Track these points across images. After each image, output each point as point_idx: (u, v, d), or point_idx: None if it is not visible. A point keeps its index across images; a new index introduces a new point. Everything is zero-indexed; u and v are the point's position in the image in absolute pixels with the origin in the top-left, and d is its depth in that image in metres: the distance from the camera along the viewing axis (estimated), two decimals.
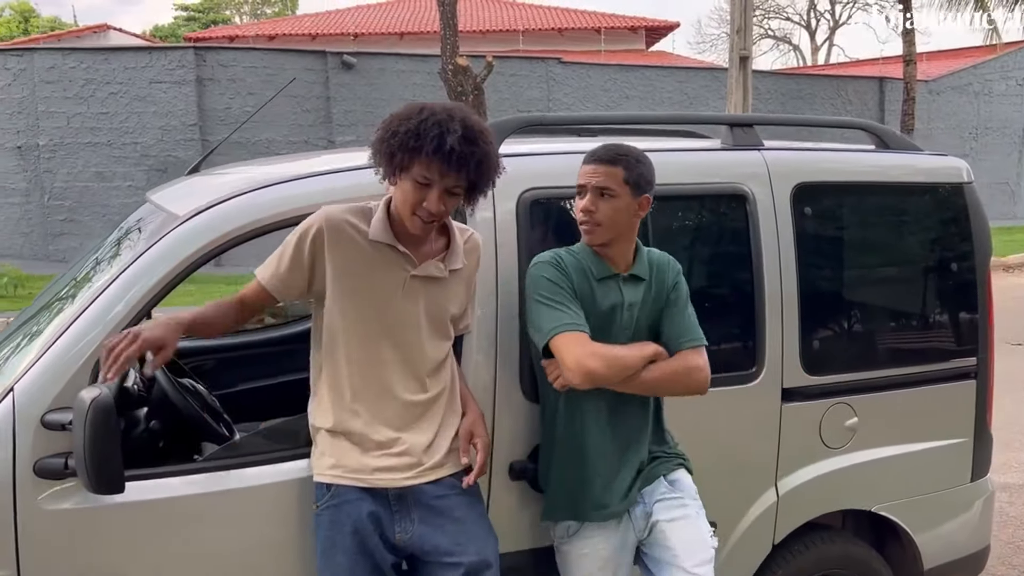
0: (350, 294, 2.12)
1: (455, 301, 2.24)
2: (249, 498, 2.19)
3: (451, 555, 2.10)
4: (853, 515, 3.05)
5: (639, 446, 2.33)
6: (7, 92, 13.35)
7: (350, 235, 2.11)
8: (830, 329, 2.87)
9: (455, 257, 2.21)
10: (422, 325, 2.17)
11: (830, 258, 2.89)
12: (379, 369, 2.14)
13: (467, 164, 1.99)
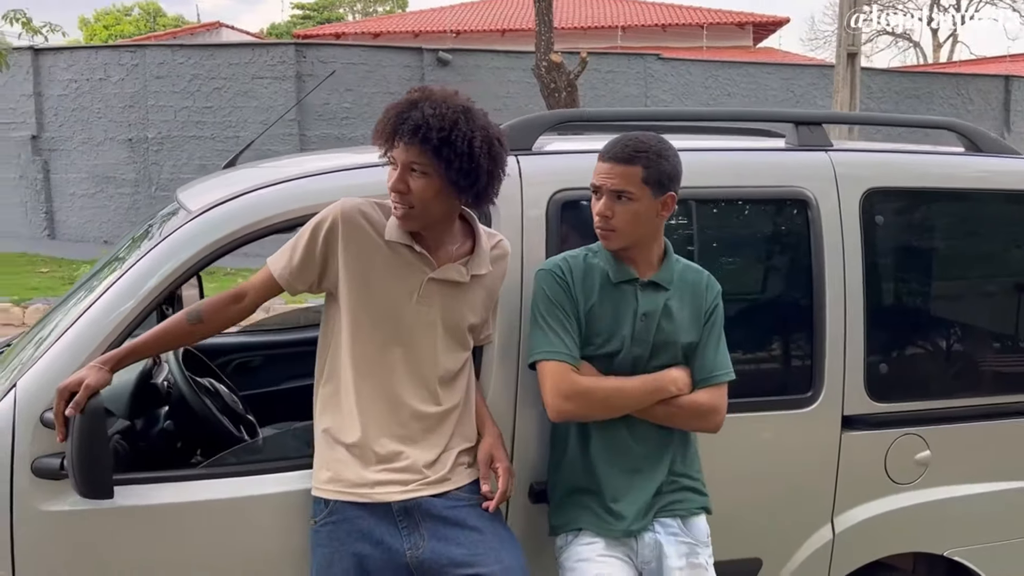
0: (362, 293, 1.99)
1: (475, 309, 2.09)
2: (241, 509, 2.09)
3: (471, 566, 1.94)
4: (927, 560, 2.75)
5: (658, 466, 2.12)
6: (120, 87, 13.94)
7: (366, 231, 1.98)
8: (900, 352, 2.58)
9: (479, 262, 2.05)
10: (437, 332, 2.03)
11: (904, 272, 2.60)
12: (387, 376, 2.00)
13: (425, 136, 1.86)
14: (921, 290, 2.64)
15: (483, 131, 1.93)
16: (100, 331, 2.06)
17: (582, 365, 2.08)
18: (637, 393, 2.06)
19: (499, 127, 2.04)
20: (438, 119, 1.88)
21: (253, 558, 2.12)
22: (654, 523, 2.11)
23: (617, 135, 2.10)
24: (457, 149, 1.88)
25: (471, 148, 1.90)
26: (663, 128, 2.94)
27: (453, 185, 1.92)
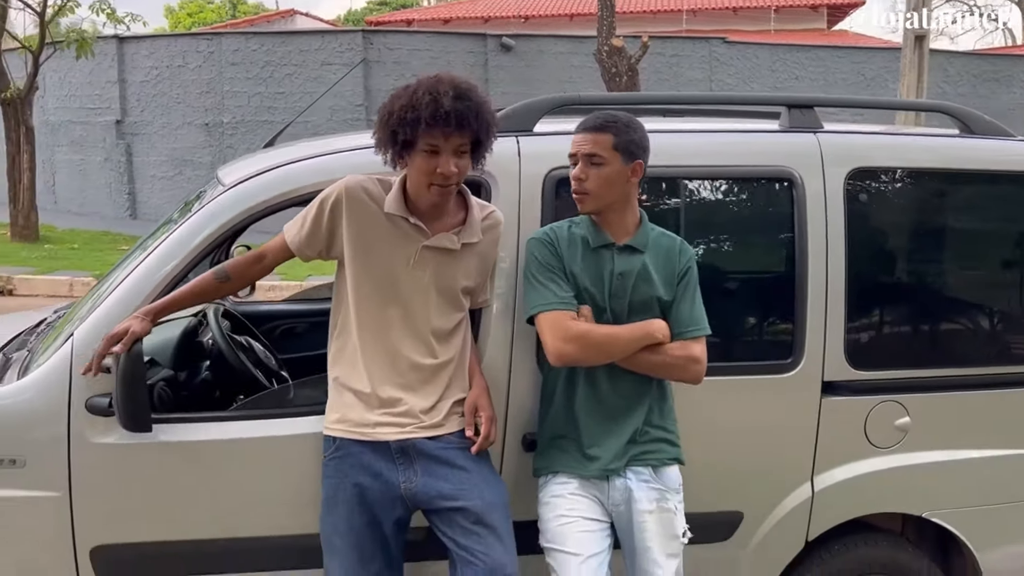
0: (364, 260, 2.25)
1: (468, 274, 2.32)
2: (263, 446, 2.38)
3: (456, 499, 2.20)
4: (915, 524, 2.89)
5: (633, 415, 2.32)
6: (198, 73, 14.57)
7: (367, 204, 2.24)
8: (880, 322, 2.73)
9: (471, 231, 2.29)
10: (431, 294, 2.27)
11: (886, 248, 2.74)
12: (387, 332, 2.26)
13: (466, 120, 2.10)
14: (902, 265, 2.77)
15: (489, 104, 2.19)
16: (146, 288, 2.37)
17: (584, 309, 2.29)
18: (627, 337, 2.26)
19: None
20: (463, 101, 2.12)
21: (273, 489, 2.40)
22: (626, 470, 2.32)
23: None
24: (487, 129, 2.16)
25: (490, 124, 2.18)
26: (668, 111, 3.14)
27: (477, 158, 2.19)
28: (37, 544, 2.35)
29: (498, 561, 2.14)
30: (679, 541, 2.33)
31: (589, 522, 2.29)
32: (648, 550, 2.29)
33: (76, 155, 15.92)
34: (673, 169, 2.61)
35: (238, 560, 2.42)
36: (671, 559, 2.30)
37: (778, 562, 2.70)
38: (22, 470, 2.30)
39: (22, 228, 12.33)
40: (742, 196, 2.73)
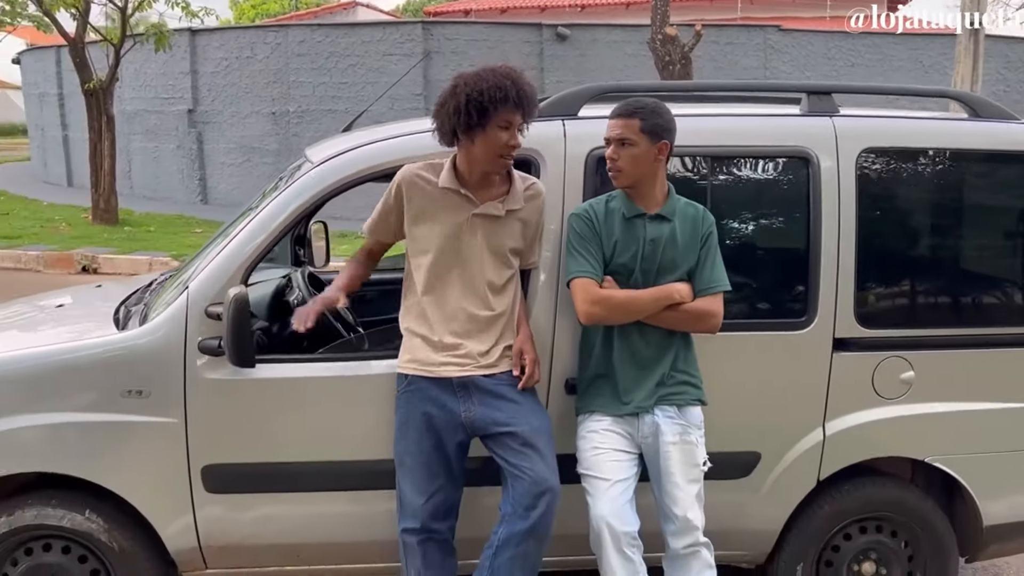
0: (425, 231, 2.68)
1: (514, 236, 2.71)
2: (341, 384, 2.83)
3: (507, 425, 2.62)
4: (924, 472, 3.19)
5: (661, 362, 2.70)
6: (265, 64, 15.18)
7: (421, 186, 2.67)
8: (887, 286, 3.04)
9: (514, 199, 2.69)
10: (484, 255, 2.68)
11: (893, 219, 3.05)
12: (448, 289, 2.67)
13: (529, 102, 2.57)
14: (907, 234, 3.07)
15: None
16: (248, 248, 2.82)
17: (608, 280, 2.69)
18: (647, 299, 2.65)
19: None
20: (528, 87, 2.58)
21: (351, 420, 2.84)
22: (654, 409, 2.70)
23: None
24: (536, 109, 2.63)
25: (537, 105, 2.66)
26: (705, 97, 3.48)
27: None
28: (160, 462, 2.81)
29: (541, 475, 2.55)
30: (699, 469, 2.70)
31: (618, 453, 2.68)
32: (672, 475, 2.66)
33: (151, 143, 16.73)
34: (706, 148, 2.98)
35: (321, 481, 2.86)
36: (692, 483, 2.67)
37: (792, 498, 3.04)
38: (147, 400, 2.77)
39: (103, 211, 13.08)
40: (765, 173, 3.07)
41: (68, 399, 2.77)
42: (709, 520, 2.84)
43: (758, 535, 3.08)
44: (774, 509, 3.04)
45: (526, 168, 2.88)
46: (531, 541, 2.56)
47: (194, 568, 2.94)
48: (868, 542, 3.13)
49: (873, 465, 3.13)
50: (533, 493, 2.54)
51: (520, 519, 2.54)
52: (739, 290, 3.00)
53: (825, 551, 3.12)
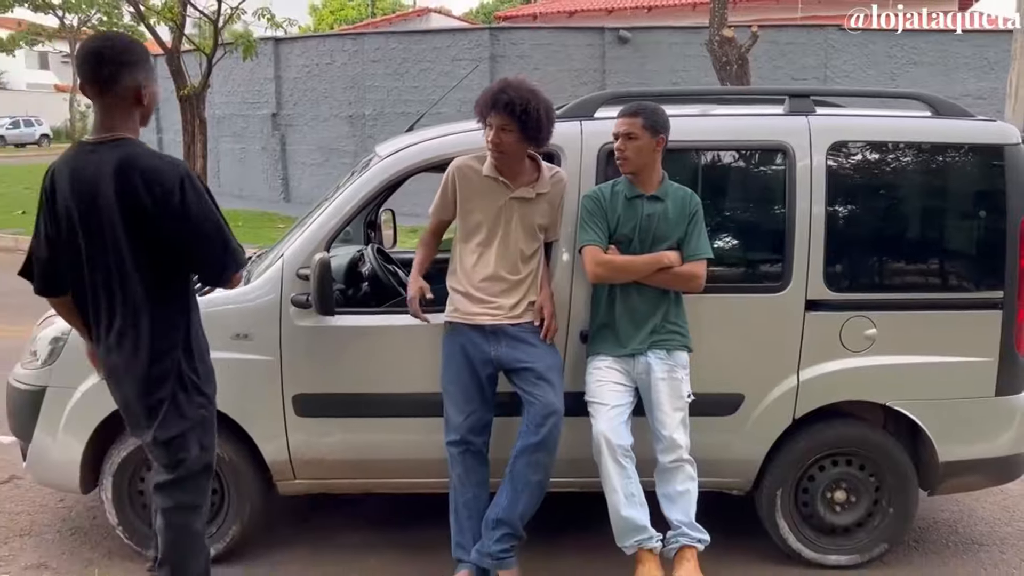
0: (470, 211, 3.39)
1: (542, 214, 3.40)
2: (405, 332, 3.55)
3: (525, 363, 3.32)
4: (893, 419, 3.76)
5: (654, 315, 3.37)
6: (343, 70, 16.18)
7: (470, 175, 3.38)
8: (851, 256, 3.62)
9: (542, 184, 3.38)
10: (518, 230, 3.37)
11: (857, 200, 3.64)
12: (488, 257, 3.37)
13: (499, 105, 3.20)
14: (870, 212, 3.65)
15: (544, 106, 3.23)
16: (327, 227, 3.58)
17: (612, 248, 3.36)
18: (642, 263, 3.32)
19: (550, 100, 3.32)
20: (519, 98, 3.19)
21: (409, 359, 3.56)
22: (648, 352, 3.36)
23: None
24: (531, 115, 3.20)
25: (538, 116, 3.22)
26: (699, 100, 4.12)
27: (527, 137, 3.25)
28: (260, 391, 3.59)
29: (549, 400, 3.26)
30: (684, 400, 3.35)
31: (616, 385, 3.36)
32: (661, 404, 3.32)
33: (237, 145, 17.95)
34: (703, 143, 3.64)
35: (386, 408, 3.58)
36: (677, 411, 3.33)
37: (771, 434, 3.64)
38: (251, 342, 3.54)
39: None
40: (751, 163, 3.70)
41: None
42: (701, 451, 3.48)
43: (743, 465, 3.70)
44: (756, 443, 3.66)
45: (550, 159, 3.57)
46: (541, 452, 3.26)
47: (285, 478, 3.70)
48: (839, 473, 3.72)
49: (846, 409, 3.72)
50: (542, 414, 3.24)
51: (532, 435, 3.24)
52: (727, 259, 3.65)
53: (802, 480, 3.73)
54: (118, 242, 2.56)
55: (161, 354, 2.67)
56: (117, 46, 2.55)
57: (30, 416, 3.64)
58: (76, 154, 2.61)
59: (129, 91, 2.56)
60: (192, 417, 2.73)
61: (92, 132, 2.62)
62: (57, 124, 42.22)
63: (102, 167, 2.52)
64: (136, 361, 2.66)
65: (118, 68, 2.53)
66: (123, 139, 2.57)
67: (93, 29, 38.10)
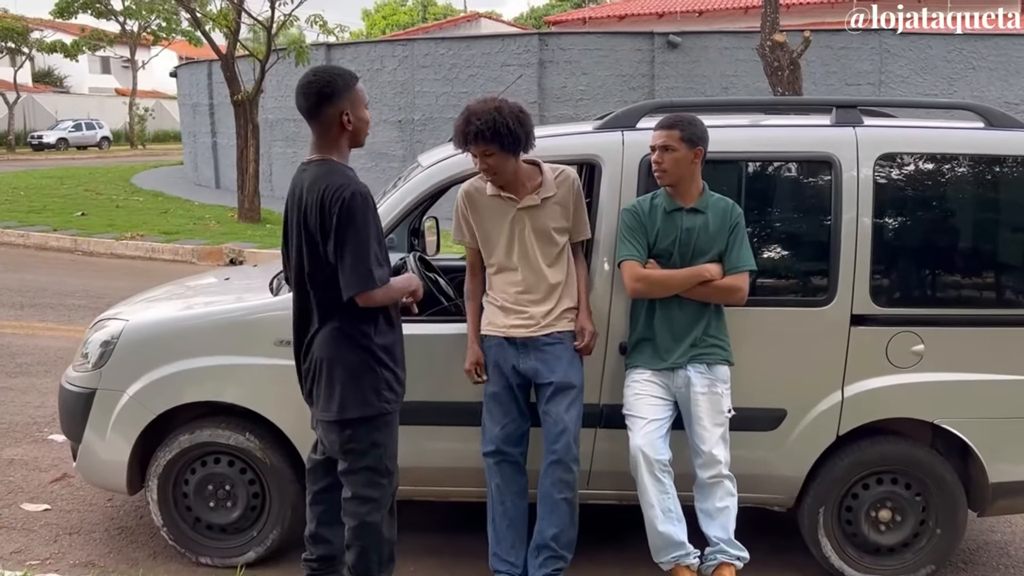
0: (487, 232, 3.41)
1: (554, 218, 3.36)
2: (442, 340, 3.57)
3: (545, 377, 3.33)
4: (944, 438, 3.66)
5: (693, 329, 3.33)
6: (393, 75, 16.33)
7: (476, 197, 3.42)
8: (898, 270, 3.54)
9: (546, 188, 3.36)
10: (533, 238, 3.36)
11: (905, 213, 3.56)
12: (512, 271, 3.39)
13: (470, 137, 3.21)
14: (919, 226, 3.57)
15: (512, 115, 3.22)
16: None
17: (651, 262, 3.33)
18: (681, 277, 3.29)
19: (517, 105, 3.30)
20: (485, 123, 3.18)
21: (453, 365, 3.56)
22: (688, 366, 3.32)
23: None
24: (502, 132, 3.19)
25: (509, 128, 3.21)
26: (745, 110, 4.06)
27: (510, 151, 3.24)
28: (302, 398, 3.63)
29: (560, 417, 3.29)
30: (724, 415, 3.31)
31: (655, 399, 3.33)
32: (700, 419, 3.29)
33: (289, 149, 18.21)
34: (747, 154, 3.61)
35: (429, 415, 3.58)
36: (717, 426, 3.29)
37: (814, 450, 3.58)
38: None
39: (247, 211, 14.47)
40: (796, 174, 3.65)
41: (236, 345, 3.64)
42: (742, 466, 3.45)
43: (785, 481, 3.64)
44: (798, 459, 3.59)
45: (591, 170, 3.56)
46: (560, 469, 3.29)
47: None
48: (884, 492, 3.64)
49: (892, 427, 3.64)
50: (555, 432, 3.29)
51: (549, 453, 3.30)
52: (771, 272, 3.61)
53: (845, 498, 3.65)
54: (301, 248, 2.93)
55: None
56: (319, 80, 2.89)
57: (80, 417, 3.74)
58: (297, 173, 3.00)
59: (332, 118, 2.90)
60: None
61: (309, 151, 3.01)
62: (117, 127, 43.33)
63: (305, 183, 2.91)
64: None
65: (319, 100, 2.88)
66: (326, 160, 2.93)
67: (152, 34, 39.13)
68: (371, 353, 2.95)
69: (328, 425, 3.03)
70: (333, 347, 2.95)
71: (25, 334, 7.72)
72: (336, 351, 2.95)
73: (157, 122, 46.51)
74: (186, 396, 3.67)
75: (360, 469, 3.02)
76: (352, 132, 2.94)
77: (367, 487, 3.04)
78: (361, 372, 2.95)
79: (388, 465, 3.07)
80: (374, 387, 2.96)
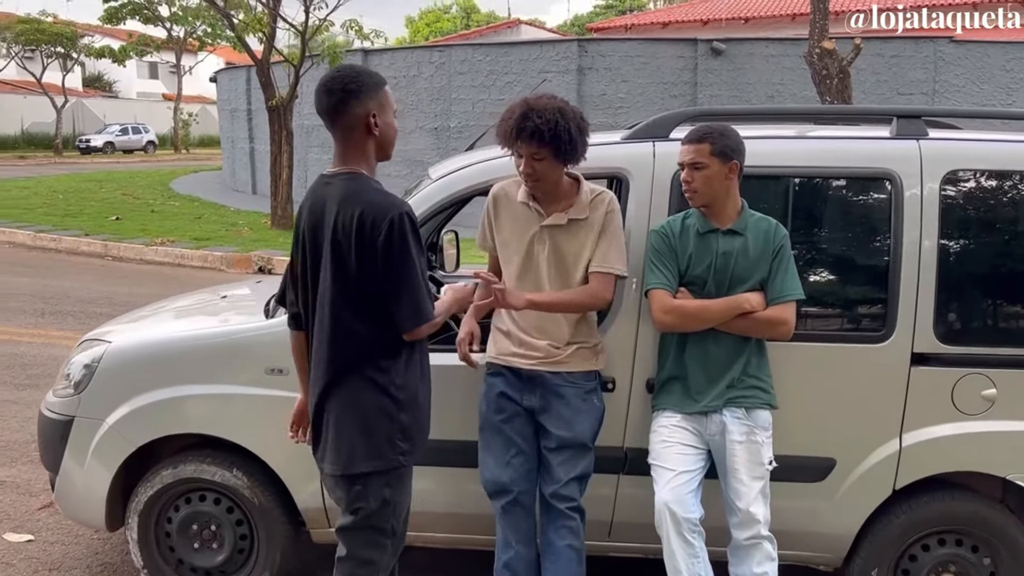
0: (505, 241, 3.04)
1: (579, 244, 2.96)
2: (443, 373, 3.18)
3: (551, 425, 2.95)
4: (1016, 492, 3.21)
5: (731, 367, 2.92)
6: (430, 82, 16.06)
7: (503, 201, 3.04)
8: (968, 304, 3.11)
9: (578, 209, 2.96)
10: (546, 263, 2.97)
11: (977, 238, 3.12)
12: (524, 290, 2.96)
13: (525, 134, 2.81)
14: (991, 254, 3.12)
15: (575, 120, 2.84)
16: None
17: (680, 291, 2.94)
18: (717, 309, 2.88)
19: (579, 111, 2.92)
20: (547, 123, 2.80)
21: (453, 401, 3.19)
22: (723, 410, 2.91)
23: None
24: (562, 138, 2.82)
25: (570, 135, 2.83)
26: (794, 119, 3.65)
27: (561, 160, 2.87)
28: None
29: (556, 478, 2.94)
30: (764, 467, 2.89)
31: (685, 447, 2.92)
32: (737, 471, 2.88)
33: (325, 155, 18.01)
34: (794, 168, 3.19)
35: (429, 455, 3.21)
36: (756, 480, 2.88)
37: (867, 504, 3.15)
38: (286, 377, 3.25)
39: (280, 217, 14.28)
40: (849, 192, 3.23)
41: (222, 373, 3.31)
42: (783, 521, 3.04)
43: (832, 538, 3.22)
44: (848, 514, 3.17)
45: (619, 185, 3.18)
46: (559, 515, 2.96)
47: (319, 526, 3.40)
48: (947, 555, 3.19)
49: (957, 480, 3.20)
50: (548, 492, 2.98)
51: (551, 497, 2.98)
52: (821, 304, 3.20)
53: (902, 560, 3.21)
54: (327, 275, 2.54)
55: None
56: (344, 76, 2.54)
57: (58, 447, 3.45)
58: (316, 186, 2.63)
59: (358, 120, 2.53)
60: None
61: (332, 164, 2.63)
62: (164, 131, 43.84)
63: (331, 199, 2.53)
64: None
65: (344, 97, 2.51)
66: (355, 174, 2.56)
67: (198, 40, 39.53)
68: (389, 396, 2.57)
69: (335, 480, 2.65)
70: (346, 387, 2.57)
71: (41, 342, 7.55)
72: (349, 392, 2.57)
73: (202, 127, 46.99)
74: (168, 427, 3.36)
75: (364, 528, 2.64)
76: (379, 139, 2.60)
77: (367, 547, 2.66)
78: (375, 418, 2.57)
79: (395, 525, 2.70)
80: (388, 437, 2.58)
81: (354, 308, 2.54)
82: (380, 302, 2.53)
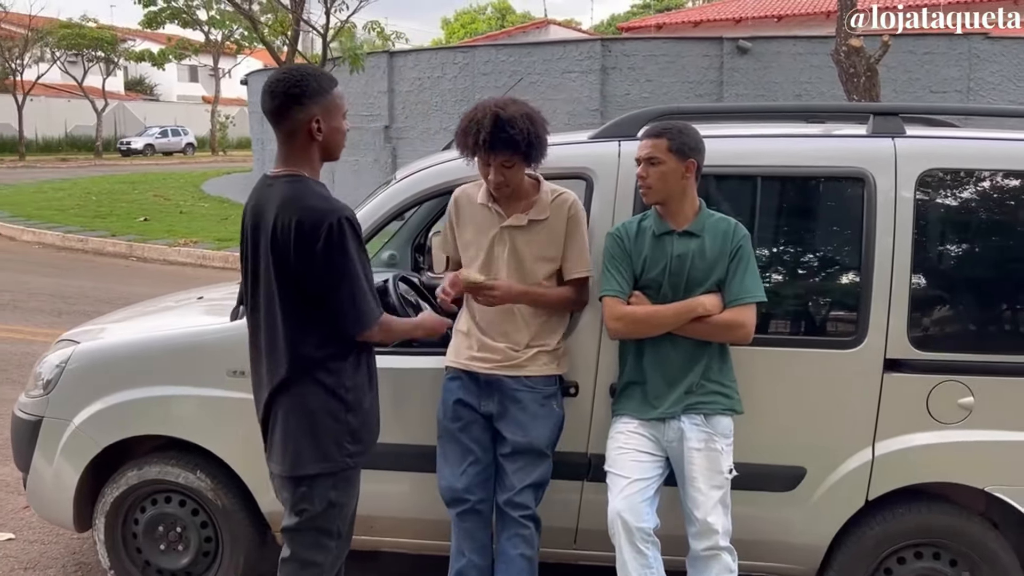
0: (467, 243, 2.99)
1: (540, 245, 2.92)
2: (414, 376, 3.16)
3: (509, 432, 2.90)
4: (998, 502, 3.08)
5: (689, 372, 2.82)
6: (454, 83, 16.05)
7: (464, 203, 3.01)
8: (944, 309, 2.99)
9: (538, 210, 2.91)
10: (507, 264, 2.92)
11: (954, 241, 3.00)
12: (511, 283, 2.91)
13: (499, 146, 2.75)
14: (970, 256, 2.99)
15: (541, 124, 2.82)
16: None
17: (635, 295, 2.86)
18: (669, 314, 2.79)
19: (538, 109, 2.89)
20: (520, 132, 2.75)
21: (422, 404, 3.15)
22: (682, 416, 2.82)
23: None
24: (534, 145, 2.77)
25: (541, 141, 2.80)
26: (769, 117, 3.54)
27: (529, 164, 2.83)
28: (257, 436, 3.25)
29: (510, 485, 2.88)
30: (723, 476, 2.80)
31: (641, 454, 2.83)
32: (695, 479, 2.79)
33: (351, 156, 18.09)
34: (760, 168, 3.08)
35: (391, 460, 3.16)
36: (714, 489, 2.78)
37: (839, 515, 3.04)
38: (248, 379, 3.21)
39: None
40: (820, 192, 3.12)
41: (185, 374, 3.30)
42: (753, 531, 2.96)
43: (804, 549, 3.11)
44: (820, 525, 3.06)
45: (580, 185, 3.10)
46: (514, 525, 2.90)
47: None
48: (924, 568, 3.07)
49: (935, 491, 3.07)
50: (502, 500, 2.91)
51: (503, 504, 2.93)
52: (789, 308, 3.09)
53: (876, 573, 3.09)
54: (270, 277, 2.51)
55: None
56: (288, 80, 2.48)
57: (28, 447, 3.46)
58: (260, 186, 2.59)
59: (300, 125, 2.49)
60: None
61: (275, 164, 2.58)
62: (202, 134, 44.48)
63: (271, 202, 2.49)
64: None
65: (286, 101, 2.47)
66: (297, 176, 2.51)
67: (236, 43, 40.03)
68: (338, 398, 2.54)
69: (281, 480, 2.63)
70: (294, 389, 2.54)
71: (53, 342, 7.63)
72: (297, 394, 2.54)
73: (239, 129, 47.56)
74: (131, 429, 3.36)
75: (309, 529, 2.61)
76: (323, 144, 2.54)
77: (311, 549, 2.63)
78: (323, 419, 2.53)
79: (340, 527, 2.66)
80: (336, 439, 2.55)
81: (300, 311, 2.51)
82: (324, 305, 2.49)
